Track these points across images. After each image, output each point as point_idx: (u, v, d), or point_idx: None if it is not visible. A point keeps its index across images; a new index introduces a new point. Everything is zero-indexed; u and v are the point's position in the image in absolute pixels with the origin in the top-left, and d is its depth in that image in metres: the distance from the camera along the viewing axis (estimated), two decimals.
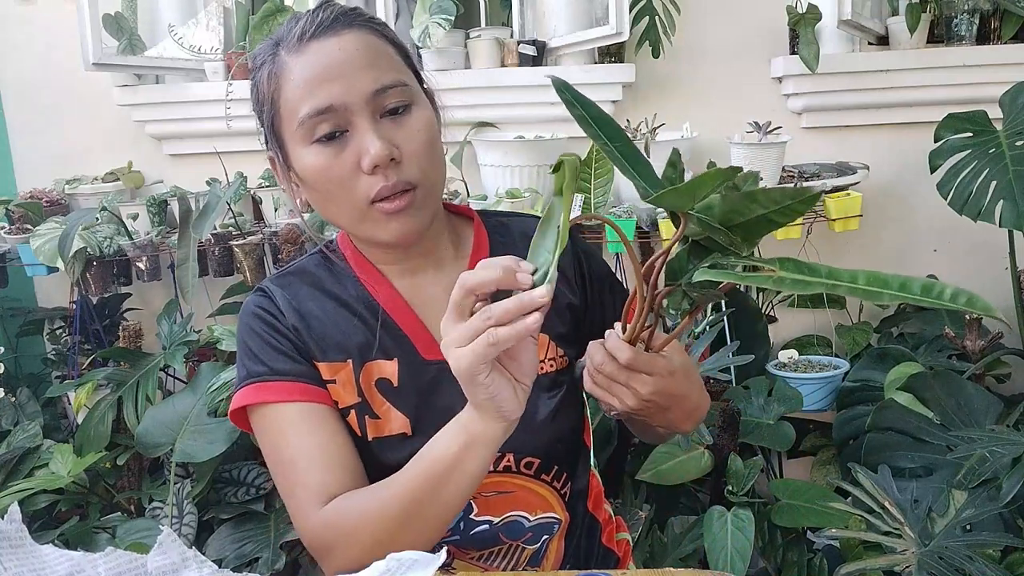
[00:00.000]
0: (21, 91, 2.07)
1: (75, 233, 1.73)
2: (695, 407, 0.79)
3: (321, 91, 0.74)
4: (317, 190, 0.78)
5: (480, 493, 0.85)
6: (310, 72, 0.75)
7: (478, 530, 0.87)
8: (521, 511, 0.87)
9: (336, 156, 0.75)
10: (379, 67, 0.76)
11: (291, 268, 0.89)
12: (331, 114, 0.75)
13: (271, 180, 1.92)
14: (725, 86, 2.02)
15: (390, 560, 0.64)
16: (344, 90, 0.74)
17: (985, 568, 1.25)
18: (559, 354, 0.89)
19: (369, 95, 0.75)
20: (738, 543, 1.46)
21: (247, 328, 0.84)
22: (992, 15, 2.00)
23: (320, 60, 0.75)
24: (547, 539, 0.90)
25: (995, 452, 1.43)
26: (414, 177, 0.76)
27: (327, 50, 0.76)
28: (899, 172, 2.06)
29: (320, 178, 0.77)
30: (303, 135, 0.76)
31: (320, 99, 0.74)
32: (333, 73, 0.75)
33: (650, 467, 1.64)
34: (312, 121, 0.75)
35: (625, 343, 0.69)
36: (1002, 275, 1.97)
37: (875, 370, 1.83)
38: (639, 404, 0.71)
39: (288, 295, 0.85)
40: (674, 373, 0.71)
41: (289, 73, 0.76)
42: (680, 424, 0.80)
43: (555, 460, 0.88)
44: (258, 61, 0.81)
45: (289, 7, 1.98)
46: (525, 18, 2.05)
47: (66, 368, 1.98)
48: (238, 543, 1.55)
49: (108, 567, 0.63)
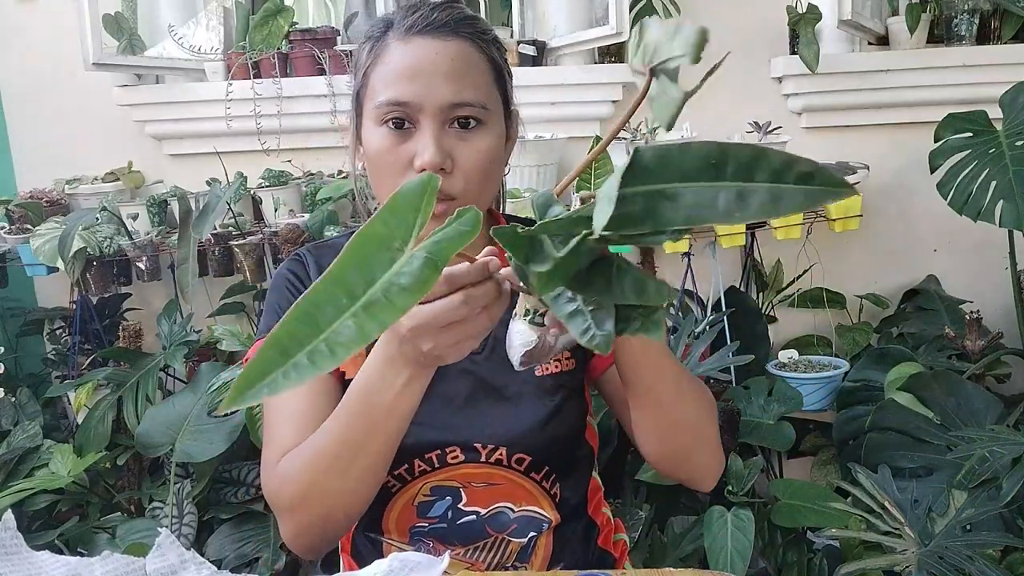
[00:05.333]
0: (21, 91, 2.07)
1: (75, 233, 1.73)
2: (674, 373, 0.79)
3: (403, 85, 0.79)
4: (373, 166, 0.83)
5: (469, 483, 0.87)
6: (402, 64, 0.80)
7: (465, 520, 0.88)
8: (506, 502, 0.89)
9: (397, 145, 0.79)
10: (464, 82, 0.80)
11: (329, 241, 0.97)
12: (404, 108, 0.79)
13: (271, 180, 1.92)
14: (725, 86, 2.02)
15: (392, 560, 0.64)
16: (423, 92, 0.78)
17: (985, 568, 1.25)
18: (564, 356, 0.90)
19: (444, 105, 0.78)
20: (738, 543, 1.45)
21: (276, 288, 0.91)
22: (992, 15, 2.00)
23: (415, 57, 0.79)
24: (535, 536, 0.91)
25: (995, 452, 1.43)
26: (458, 191, 0.79)
27: (426, 50, 0.80)
28: (899, 172, 2.06)
29: (377, 158, 0.81)
30: (377, 115, 0.80)
31: (400, 92, 0.79)
32: (420, 73, 0.79)
33: (650, 467, 1.64)
34: (387, 107, 0.79)
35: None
36: (1002, 275, 1.97)
37: (875, 370, 1.83)
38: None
39: (323, 263, 0.89)
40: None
41: (386, 56, 0.81)
42: (675, 403, 0.80)
43: (547, 461, 0.89)
44: (370, 31, 0.85)
45: (289, 7, 1.99)
46: (525, 18, 2.05)
47: (66, 368, 1.98)
48: (238, 543, 1.55)
49: (105, 571, 0.63)
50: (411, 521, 0.89)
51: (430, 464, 0.86)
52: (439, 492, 0.88)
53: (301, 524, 0.78)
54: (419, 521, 0.89)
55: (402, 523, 0.89)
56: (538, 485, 0.89)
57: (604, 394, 0.95)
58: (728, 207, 0.40)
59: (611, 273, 0.48)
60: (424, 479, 0.87)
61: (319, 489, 0.75)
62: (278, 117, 1.95)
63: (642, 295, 0.47)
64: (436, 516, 0.88)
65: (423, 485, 0.87)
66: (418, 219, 0.48)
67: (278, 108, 1.94)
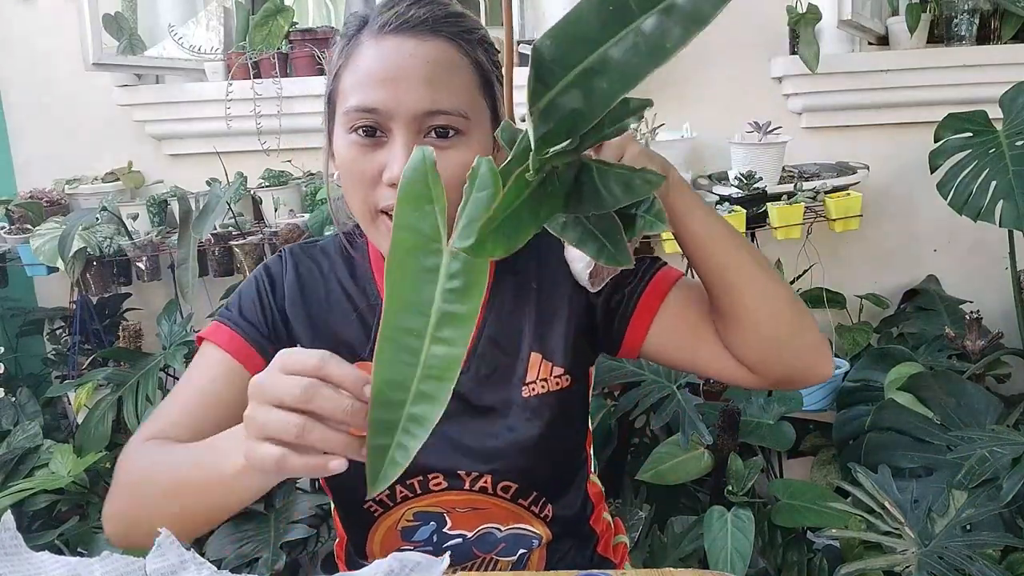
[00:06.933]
0: (21, 91, 2.07)
1: (75, 233, 1.73)
2: (740, 241, 0.75)
3: (374, 90, 0.72)
4: (342, 176, 0.77)
5: (454, 508, 0.84)
6: (373, 67, 0.73)
7: (451, 543, 0.86)
8: (493, 523, 0.86)
9: (366, 154, 0.74)
10: (443, 87, 0.72)
11: (318, 243, 0.91)
12: (374, 115, 0.72)
13: (271, 180, 1.92)
14: (725, 86, 2.02)
15: (392, 560, 0.64)
16: (395, 98, 0.71)
17: (985, 568, 1.25)
18: (554, 374, 0.84)
19: (418, 112, 0.71)
20: (738, 543, 1.45)
21: (252, 278, 0.88)
22: (992, 15, 2.00)
23: (387, 58, 0.72)
24: (525, 552, 0.88)
25: (995, 452, 1.43)
26: None
27: (399, 51, 0.72)
28: (899, 172, 2.06)
29: (345, 168, 0.76)
30: (346, 122, 0.74)
31: (369, 98, 0.72)
32: (392, 77, 0.72)
33: (650, 467, 1.64)
34: (355, 114, 0.73)
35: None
36: (1002, 275, 1.97)
37: (875, 370, 1.83)
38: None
39: (302, 270, 0.87)
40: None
41: (357, 57, 0.74)
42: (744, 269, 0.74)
43: (536, 487, 0.85)
44: (345, 28, 0.79)
45: (289, 7, 1.99)
46: (525, 18, 2.05)
47: (66, 368, 1.98)
48: (238, 543, 1.55)
49: (105, 571, 0.63)
50: (396, 544, 0.87)
51: (412, 490, 0.83)
52: (423, 517, 0.85)
53: (119, 511, 0.73)
54: (404, 544, 0.87)
55: (386, 547, 0.86)
56: (527, 510, 0.86)
57: (657, 358, 0.86)
58: (655, 39, 0.34)
59: (594, 179, 0.45)
60: (407, 504, 0.84)
61: (146, 500, 0.71)
62: (278, 117, 1.95)
63: (631, 191, 0.44)
64: (421, 540, 0.86)
65: (406, 510, 0.85)
66: (436, 207, 0.45)
67: (278, 108, 1.94)
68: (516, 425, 0.82)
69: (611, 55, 0.35)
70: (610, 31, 0.35)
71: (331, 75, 0.78)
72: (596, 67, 0.36)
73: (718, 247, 0.73)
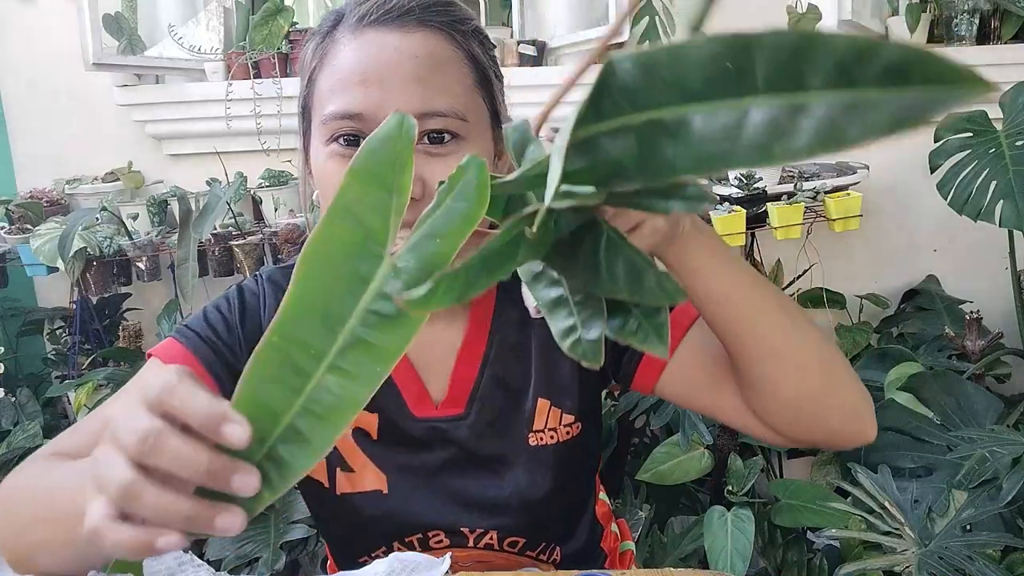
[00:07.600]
0: (21, 91, 2.07)
1: (75, 233, 1.73)
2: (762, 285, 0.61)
3: (355, 93, 0.62)
4: (322, 194, 0.68)
5: (456, 562, 0.76)
6: (352, 65, 0.63)
7: None
8: (500, 571, 0.81)
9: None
10: (435, 85, 0.62)
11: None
12: (357, 121, 0.63)
13: (271, 180, 1.92)
14: None
15: (392, 560, 0.64)
16: (380, 101, 0.61)
17: (985, 568, 1.25)
18: (563, 423, 0.76)
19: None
20: (738, 543, 1.45)
21: (223, 297, 0.77)
22: (992, 15, 2.00)
23: (369, 55, 0.63)
24: None
25: (995, 452, 1.43)
26: None
27: (382, 45, 0.62)
28: (899, 172, 2.06)
29: (327, 184, 0.66)
30: (325, 131, 0.65)
31: (350, 102, 0.62)
32: (376, 76, 0.62)
33: (650, 467, 1.64)
34: (336, 121, 0.63)
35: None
36: (1002, 275, 1.96)
37: (875, 370, 1.83)
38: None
39: (276, 301, 0.75)
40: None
41: (334, 56, 0.64)
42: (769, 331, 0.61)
43: (545, 538, 0.78)
44: (319, 26, 0.69)
45: (289, 7, 1.99)
46: (525, 18, 2.05)
47: (66, 368, 1.98)
48: (238, 543, 1.55)
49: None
50: None
51: (411, 548, 0.76)
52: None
53: None
54: None
55: None
56: (535, 560, 0.80)
57: (677, 401, 0.76)
58: (763, 136, 0.24)
59: (599, 247, 0.34)
60: None
61: (8, 523, 0.60)
62: (278, 117, 1.95)
63: (638, 288, 0.33)
64: None
65: None
66: (393, 199, 0.33)
67: (278, 108, 1.94)
68: (523, 477, 0.74)
69: (694, 123, 0.25)
70: (711, 93, 0.25)
71: (304, 79, 0.68)
72: (670, 126, 0.26)
73: (737, 311, 0.60)
